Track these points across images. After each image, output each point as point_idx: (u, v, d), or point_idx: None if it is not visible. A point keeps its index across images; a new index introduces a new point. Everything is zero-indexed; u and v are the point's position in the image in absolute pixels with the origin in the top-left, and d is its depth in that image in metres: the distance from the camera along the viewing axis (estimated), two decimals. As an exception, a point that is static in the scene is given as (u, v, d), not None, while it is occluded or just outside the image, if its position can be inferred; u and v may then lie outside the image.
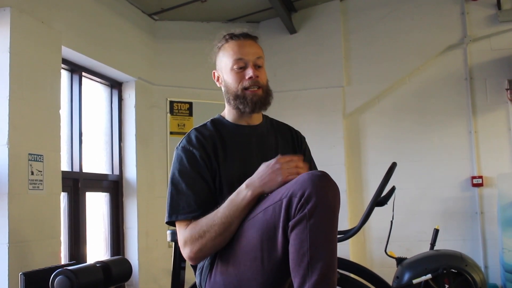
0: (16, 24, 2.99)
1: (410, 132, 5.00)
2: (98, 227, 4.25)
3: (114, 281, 2.32)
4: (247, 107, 1.88)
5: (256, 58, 1.90)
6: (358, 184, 5.10)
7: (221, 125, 1.95)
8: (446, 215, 4.82)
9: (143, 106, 4.59)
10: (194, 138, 1.85)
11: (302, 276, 1.47)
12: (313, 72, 5.21)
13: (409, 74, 5.05)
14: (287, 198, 1.51)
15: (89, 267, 2.21)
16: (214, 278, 1.73)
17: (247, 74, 1.87)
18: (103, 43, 4.05)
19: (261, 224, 1.58)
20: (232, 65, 1.88)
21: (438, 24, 4.98)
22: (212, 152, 1.83)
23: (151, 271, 4.44)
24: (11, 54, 2.93)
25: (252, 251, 1.60)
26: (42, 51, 3.21)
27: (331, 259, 1.50)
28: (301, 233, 1.48)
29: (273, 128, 2.06)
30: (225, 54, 1.91)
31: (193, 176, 1.78)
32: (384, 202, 3.27)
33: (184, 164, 1.80)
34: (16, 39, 2.98)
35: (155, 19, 4.88)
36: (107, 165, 4.40)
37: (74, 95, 3.90)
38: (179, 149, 1.85)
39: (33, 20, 3.17)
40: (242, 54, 1.88)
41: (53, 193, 3.19)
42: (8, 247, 2.79)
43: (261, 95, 1.90)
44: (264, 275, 1.59)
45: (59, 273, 2.07)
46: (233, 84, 1.89)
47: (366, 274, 3.71)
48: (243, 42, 1.92)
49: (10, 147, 2.87)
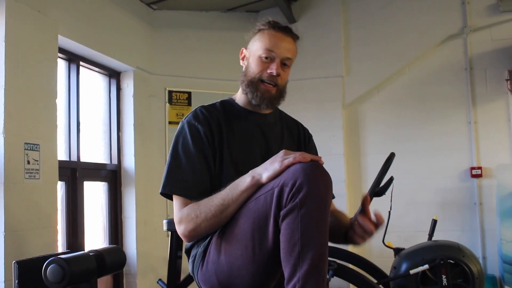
0: (12, 13, 2.98)
1: (410, 122, 4.99)
2: (97, 216, 4.26)
3: (108, 270, 2.32)
4: (254, 98, 1.87)
5: (286, 57, 1.87)
6: (357, 174, 5.10)
7: (230, 106, 1.94)
8: (445, 206, 4.81)
9: (141, 95, 4.58)
10: (201, 114, 1.84)
11: (293, 266, 1.47)
12: (312, 62, 5.18)
13: (409, 64, 5.02)
14: (278, 187, 1.51)
15: (82, 256, 2.21)
16: (206, 267, 1.73)
17: (270, 68, 1.85)
18: (100, 33, 4.04)
19: (252, 213, 1.58)
20: (261, 53, 1.86)
21: (438, 14, 4.94)
22: (216, 130, 1.82)
23: (149, 260, 4.45)
24: (6, 43, 2.92)
25: (243, 239, 1.60)
26: (38, 40, 3.20)
27: (322, 248, 1.49)
28: (292, 223, 1.47)
29: (281, 120, 2.05)
30: (261, 39, 1.88)
31: (194, 153, 1.77)
32: (382, 192, 3.25)
33: (187, 139, 1.79)
34: (12, 28, 2.98)
35: (153, 9, 4.86)
36: (105, 155, 4.40)
37: (71, 85, 3.90)
38: (184, 123, 1.83)
39: (29, 9, 3.16)
40: (275, 47, 1.85)
41: (49, 182, 3.20)
42: (4, 236, 2.80)
43: (274, 94, 1.88)
44: (255, 264, 1.59)
45: (52, 261, 2.07)
46: (253, 70, 1.87)
47: (364, 264, 3.73)
48: (282, 36, 1.88)
49: (5, 136, 2.87)
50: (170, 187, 1.75)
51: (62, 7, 3.59)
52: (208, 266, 1.72)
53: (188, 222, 1.69)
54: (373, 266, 3.66)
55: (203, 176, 1.76)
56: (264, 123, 1.96)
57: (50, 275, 2.06)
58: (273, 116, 2.01)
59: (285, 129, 2.03)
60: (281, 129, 2.01)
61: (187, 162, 1.76)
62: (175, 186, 1.74)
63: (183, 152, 1.77)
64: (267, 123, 1.97)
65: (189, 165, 1.75)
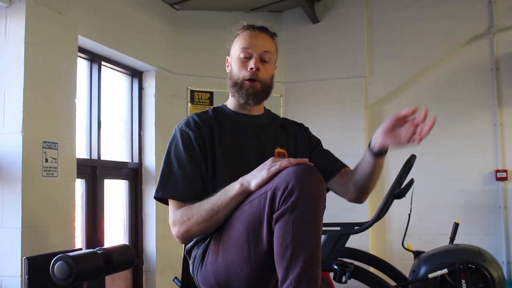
0: (32, 15, 3.05)
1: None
2: (118, 214, 4.34)
3: (116, 268, 2.37)
4: (241, 97, 1.93)
5: (263, 52, 1.93)
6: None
7: (222, 112, 2.00)
8: (469, 209, 4.73)
9: (163, 95, 4.63)
10: (192, 121, 1.90)
11: (285, 268, 1.48)
12: (335, 62, 5.16)
13: (433, 64, 4.95)
14: (271, 191, 1.53)
15: (90, 254, 2.26)
16: (205, 268, 1.76)
17: (249, 65, 1.91)
18: (122, 33, 4.11)
19: (247, 216, 1.60)
20: (239, 53, 1.93)
21: (464, 13, 4.85)
22: (208, 135, 1.87)
23: (168, 257, 4.50)
24: (26, 44, 2.99)
25: (239, 242, 1.62)
26: (57, 40, 3.27)
27: (314, 251, 1.50)
28: (284, 226, 1.49)
29: (274, 121, 2.09)
30: (237, 42, 1.97)
31: (185, 158, 1.82)
32: (402, 194, 3.23)
33: (178, 145, 1.85)
34: (31, 29, 3.04)
35: (176, 9, 4.91)
36: (127, 153, 4.47)
37: (93, 84, 3.97)
38: (177, 130, 1.90)
39: (49, 10, 3.22)
40: (250, 45, 1.92)
41: (67, 179, 3.26)
42: (21, 232, 2.88)
43: (258, 88, 1.93)
44: (251, 266, 1.61)
45: (59, 258, 2.13)
46: (235, 71, 1.94)
47: (384, 266, 3.69)
48: (257, 34, 1.96)
49: (24, 135, 2.94)
50: (163, 191, 1.81)
51: (83, 7, 3.66)
52: (207, 267, 1.75)
53: (180, 224, 1.75)
54: (393, 268, 3.62)
55: (195, 180, 1.80)
56: (257, 125, 2.00)
57: (57, 271, 2.11)
58: (265, 117, 2.06)
59: (279, 129, 2.05)
60: (274, 129, 2.04)
61: (179, 167, 1.81)
62: (167, 190, 1.80)
63: (175, 158, 1.83)
64: (259, 124, 2.00)
65: (181, 170, 1.81)
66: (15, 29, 3.01)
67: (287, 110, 5.19)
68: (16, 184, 2.91)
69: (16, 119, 2.95)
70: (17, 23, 3.01)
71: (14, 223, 2.89)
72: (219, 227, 1.72)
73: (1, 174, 2.94)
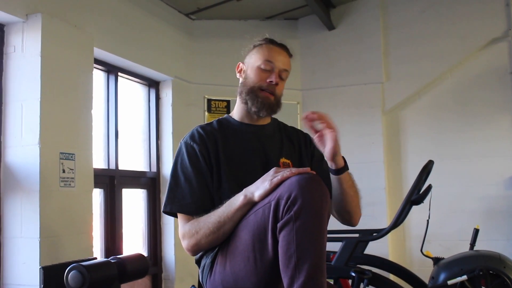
0: (47, 28, 3.12)
1: (452, 128, 4.86)
2: (136, 223, 4.38)
3: (129, 277, 2.40)
4: (254, 105, 1.95)
5: (283, 69, 1.98)
6: (398, 181, 5.01)
7: (226, 123, 2.03)
8: (489, 214, 4.66)
9: (180, 104, 4.68)
10: (197, 134, 1.93)
11: (290, 277, 1.50)
12: (351, 68, 5.15)
13: (451, 69, 4.90)
14: (275, 200, 1.55)
15: (103, 263, 2.29)
16: (214, 277, 1.79)
17: (269, 78, 1.94)
18: (138, 44, 4.17)
19: (252, 225, 1.62)
20: (260, 63, 1.96)
21: (481, 17, 4.79)
22: (212, 147, 1.90)
23: (187, 265, 4.53)
24: (42, 58, 3.06)
25: (245, 251, 1.64)
26: (73, 53, 3.34)
27: (318, 260, 1.51)
28: (288, 235, 1.51)
29: (280, 130, 2.11)
30: (259, 52, 1.99)
31: (191, 171, 1.85)
32: (420, 200, 3.22)
33: (184, 159, 1.88)
34: (47, 43, 3.12)
35: (192, 19, 4.97)
36: (144, 163, 4.52)
37: (110, 95, 4.03)
38: (182, 144, 1.93)
39: (64, 24, 3.30)
40: (274, 59, 1.96)
41: (84, 189, 3.32)
42: (39, 242, 2.94)
43: (272, 101, 1.96)
44: (258, 275, 1.63)
45: (72, 268, 2.17)
46: (253, 79, 1.97)
47: (403, 273, 3.67)
48: (279, 50, 2.00)
49: (41, 146, 3.00)
50: (171, 206, 1.84)
51: (99, 20, 3.73)
52: (216, 276, 1.77)
53: (190, 237, 1.78)
54: (412, 275, 3.60)
55: (202, 192, 1.83)
56: (262, 134, 2.02)
57: (71, 281, 2.15)
58: (271, 127, 2.08)
59: (284, 138, 2.07)
60: (280, 138, 2.06)
61: (185, 180, 1.84)
62: (175, 204, 1.84)
63: (181, 172, 1.87)
64: (265, 134, 2.02)
65: (187, 183, 1.84)
66: (32, 43, 3.09)
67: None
68: (34, 195, 2.98)
69: (33, 131, 3.02)
70: (33, 37, 3.09)
71: (32, 233, 2.96)
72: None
73: (20, 185, 3.01)
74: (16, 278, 2.98)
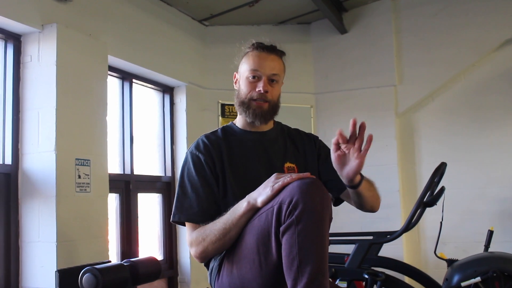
0: (63, 38, 3.21)
1: (466, 130, 4.85)
2: (152, 227, 4.45)
3: (141, 280, 2.45)
4: (248, 116, 2.00)
5: (271, 74, 1.99)
6: (412, 183, 5.01)
7: (230, 131, 2.07)
8: (505, 216, 4.63)
9: (194, 109, 4.74)
10: (202, 144, 1.98)
11: (293, 280, 1.54)
12: (364, 72, 5.16)
13: (464, 71, 4.88)
14: (277, 205, 1.60)
15: (116, 266, 2.36)
16: (221, 279, 1.84)
17: (258, 87, 1.97)
18: (152, 51, 4.24)
19: (256, 229, 1.67)
20: (248, 74, 1.99)
21: (494, 19, 4.77)
22: (217, 156, 1.95)
23: (202, 268, 4.49)
24: (57, 66, 3.15)
25: (250, 254, 1.69)
26: (88, 62, 3.42)
27: (320, 262, 1.54)
28: (290, 238, 1.55)
29: (283, 134, 2.14)
30: (246, 61, 2.03)
31: (197, 180, 1.90)
32: (433, 202, 3.22)
33: (190, 168, 1.93)
34: (63, 52, 3.20)
35: (205, 25, 5.03)
36: (160, 167, 4.59)
37: (125, 101, 4.11)
38: (188, 154, 1.99)
39: (79, 34, 3.38)
40: (259, 67, 1.99)
41: (100, 194, 3.39)
42: (56, 246, 3.01)
43: (266, 109, 2.00)
44: (263, 277, 1.67)
45: (87, 271, 2.23)
46: (243, 91, 2.01)
47: (417, 275, 3.68)
48: (266, 55, 2.02)
49: (57, 152, 3.09)
50: (179, 215, 1.90)
51: (113, 28, 3.81)
52: (223, 279, 1.83)
53: (197, 245, 1.84)
54: (427, 277, 3.60)
55: (208, 201, 1.89)
56: (265, 140, 2.05)
57: (85, 283, 2.22)
58: (274, 132, 2.11)
59: (288, 142, 2.10)
60: (283, 143, 2.09)
61: (192, 190, 1.90)
62: (183, 213, 1.89)
63: (188, 181, 1.92)
64: (268, 140, 2.06)
65: (194, 193, 1.89)
66: (47, 53, 3.18)
67: (318, 121, 5.22)
68: (50, 200, 3.06)
69: (50, 138, 3.10)
70: (49, 47, 3.18)
71: (49, 237, 3.04)
72: None
73: (37, 191, 3.10)
74: (34, 281, 3.05)
